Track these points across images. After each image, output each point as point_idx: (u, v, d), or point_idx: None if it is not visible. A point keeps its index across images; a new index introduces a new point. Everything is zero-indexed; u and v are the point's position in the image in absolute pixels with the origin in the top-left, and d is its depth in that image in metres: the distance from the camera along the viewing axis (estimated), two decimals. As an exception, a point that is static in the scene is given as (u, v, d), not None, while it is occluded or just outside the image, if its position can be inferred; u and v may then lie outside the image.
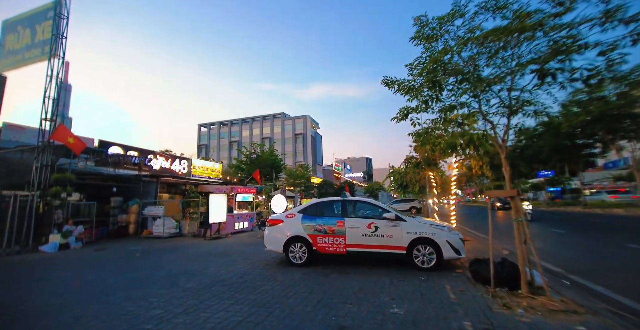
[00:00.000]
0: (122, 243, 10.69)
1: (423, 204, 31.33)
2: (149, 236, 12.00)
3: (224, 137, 70.60)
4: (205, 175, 21.49)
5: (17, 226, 9.26)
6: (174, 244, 10.22)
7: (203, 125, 74.20)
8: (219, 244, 9.95)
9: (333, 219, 6.05)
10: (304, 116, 65.37)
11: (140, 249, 9.08)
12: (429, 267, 5.40)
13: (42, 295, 4.58)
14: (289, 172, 37.17)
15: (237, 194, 13.60)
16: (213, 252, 8.11)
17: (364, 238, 5.76)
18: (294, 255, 6.09)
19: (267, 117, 68.68)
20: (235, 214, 13.11)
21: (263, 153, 29.54)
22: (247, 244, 9.62)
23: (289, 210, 6.95)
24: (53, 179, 9.75)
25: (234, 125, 70.76)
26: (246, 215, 13.85)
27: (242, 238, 11.33)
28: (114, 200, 13.57)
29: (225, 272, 5.68)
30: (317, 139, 69.77)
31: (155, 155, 17.58)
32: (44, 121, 10.08)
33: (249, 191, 14.34)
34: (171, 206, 12.28)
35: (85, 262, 7.41)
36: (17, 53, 12.14)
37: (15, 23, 12.58)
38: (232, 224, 12.82)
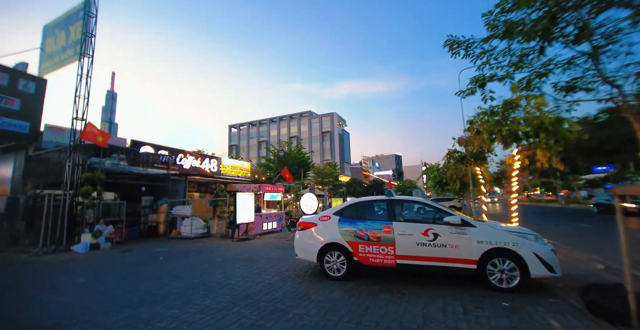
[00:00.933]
0: (150, 244, 10.41)
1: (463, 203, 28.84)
2: (177, 236, 11.69)
3: (253, 137, 71.82)
4: (234, 174, 21.31)
5: (52, 225, 9.27)
6: (201, 245, 9.70)
7: (233, 126, 76.09)
8: (246, 246, 9.24)
9: (378, 223, 4.91)
10: (330, 114, 64.35)
11: (165, 251, 8.62)
12: (509, 287, 4.08)
13: (43, 309, 4.00)
14: (316, 171, 36.38)
15: (265, 193, 12.91)
16: (239, 257, 7.35)
17: (419, 248, 4.56)
18: (330, 267, 5.06)
19: (294, 116, 68.62)
20: (264, 214, 12.42)
21: (291, 151, 28.98)
22: (276, 248, 8.78)
23: (322, 211, 5.90)
24: (83, 178, 9.66)
25: (262, 125, 71.71)
26: (275, 215, 13.13)
27: (271, 240, 10.57)
28: (145, 199, 13.54)
29: (251, 285, 4.80)
30: (344, 137, 68.40)
31: (185, 155, 17.57)
32: (75, 120, 10.05)
33: (277, 190, 13.61)
34: (199, 205, 11.88)
35: (107, 266, 7.00)
36: (55, 55, 12.44)
37: (53, 27, 12.94)
38: (260, 224, 12.14)
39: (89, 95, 10.38)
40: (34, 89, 12.21)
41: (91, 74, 10.54)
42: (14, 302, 4.42)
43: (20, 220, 9.51)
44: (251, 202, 11.33)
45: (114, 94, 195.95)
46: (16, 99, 11.58)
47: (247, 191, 11.54)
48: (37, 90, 12.30)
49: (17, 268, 7.13)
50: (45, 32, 13.28)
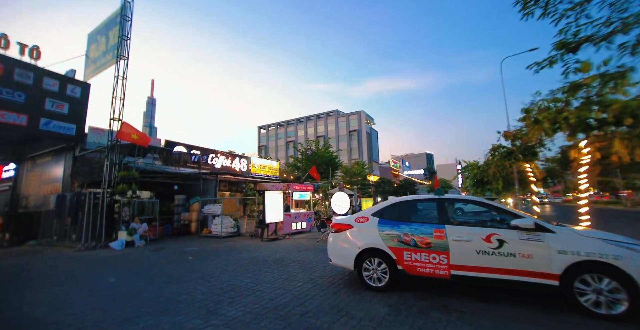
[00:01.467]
0: (181, 242, 10.46)
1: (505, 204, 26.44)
2: (208, 235, 11.70)
3: (281, 138, 72.78)
4: (263, 174, 21.35)
5: (92, 222, 9.62)
6: (230, 245, 9.52)
7: (262, 127, 77.74)
8: (275, 247, 8.87)
9: (427, 226, 4.18)
10: (358, 112, 63.19)
11: (194, 251, 8.51)
12: (612, 314, 3.15)
13: (69, 310, 3.83)
14: (345, 170, 35.64)
15: (294, 192, 12.53)
16: (268, 259, 6.95)
17: (480, 257, 3.77)
18: (369, 275, 4.42)
19: (321, 115, 68.38)
20: (293, 213, 12.04)
21: (318, 150, 28.58)
22: (306, 249, 8.30)
23: (360, 211, 5.27)
24: (119, 176, 9.92)
25: (289, 125, 72.40)
26: (304, 214, 12.71)
27: (300, 240, 10.13)
28: (178, 198, 13.82)
29: (281, 293, 4.32)
30: (372, 135, 66.83)
31: (217, 154, 17.82)
32: (112, 121, 10.38)
33: (305, 189, 13.19)
34: (228, 204, 11.79)
35: (139, 264, 6.95)
36: (97, 60, 13.10)
37: (95, 34, 13.66)
38: (289, 224, 11.78)
39: (124, 96, 10.68)
40: (79, 93, 12.93)
41: (126, 75, 10.85)
42: (45, 300, 4.34)
43: (67, 217, 9.99)
44: (280, 201, 11.00)
45: (153, 100, 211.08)
46: (65, 103, 12.31)
47: (276, 190, 11.24)
48: (82, 94, 13.01)
49: (60, 263, 7.35)
50: (89, 39, 14.06)
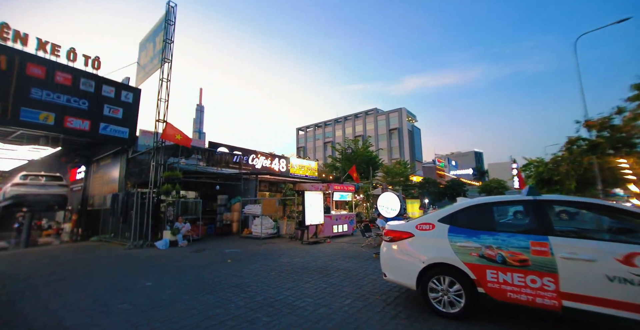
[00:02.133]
0: (222, 243, 10.35)
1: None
2: (249, 236, 11.49)
3: (319, 139, 72.86)
4: (302, 174, 21.02)
5: (140, 221, 9.95)
6: (270, 247, 9.09)
7: (300, 129, 78.71)
8: (316, 251, 8.21)
9: (520, 237, 3.11)
10: (398, 109, 60.48)
11: (234, 253, 8.21)
12: None
13: (87, 319, 3.52)
14: (386, 169, 34.00)
15: (334, 192, 11.79)
16: (309, 266, 6.29)
17: (614, 286, 2.61)
18: (438, 298, 3.46)
19: (359, 114, 66.90)
20: (334, 215, 11.31)
21: (357, 149, 27.54)
22: (350, 256, 7.48)
23: (422, 216, 4.31)
24: (164, 177, 10.12)
25: (327, 126, 72.14)
26: (345, 216, 11.90)
27: (343, 245, 9.34)
28: (220, 198, 13.96)
29: (326, 313, 3.58)
30: (414, 133, 63.47)
31: (257, 155, 17.86)
32: (157, 122, 10.69)
33: (346, 189, 12.37)
34: (268, 205, 11.48)
35: (178, 266, 6.77)
36: (145, 66, 13.82)
37: (144, 42, 14.46)
38: (330, 226, 11.06)
39: (168, 97, 10.95)
40: (132, 99, 13.74)
41: (170, 77, 11.13)
42: (81, 305, 4.16)
43: (120, 216, 10.51)
44: (320, 202, 10.35)
45: (201, 107, 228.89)
46: (119, 108, 13.14)
47: (315, 190, 10.63)
48: (134, 99, 13.82)
49: (109, 261, 7.54)
50: (140, 47, 14.95)
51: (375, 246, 8.84)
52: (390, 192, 7.21)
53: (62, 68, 10.95)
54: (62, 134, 10.94)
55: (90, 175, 16.89)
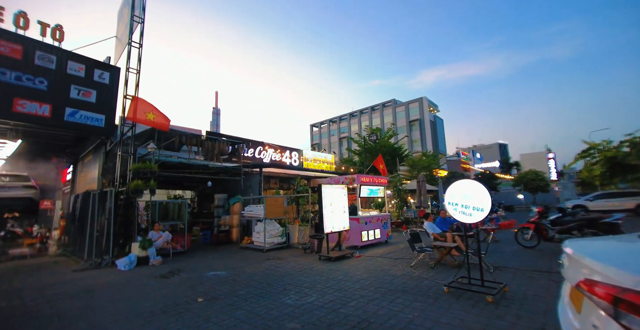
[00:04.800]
0: (212, 258, 7.64)
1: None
2: (249, 246, 8.74)
3: (333, 134, 69.83)
4: (318, 168, 18.15)
5: (107, 230, 7.41)
6: (273, 267, 6.26)
7: (314, 125, 75.98)
8: (343, 276, 5.29)
9: None
10: (419, 99, 56.36)
11: (217, 278, 5.42)
12: None
13: None
14: (411, 162, 30.46)
15: (362, 186, 8.78)
16: (338, 320, 3.36)
17: None
18: None
19: (376, 107, 63.18)
20: (362, 217, 8.32)
21: (380, 139, 24.30)
22: (403, 288, 4.49)
23: None
24: (132, 171, 7.54)
25: (342, 121, 68.94)
26: (377, 218, 8.89)
27: (381, 263, 6.36)
28: (218, 198, 11.33)
29: None
30: (437, 124, 59.00)
31: (264, 146, 15.16)
32: (125, 99, 8.14)
33: (378, 181, 9.33)
34: (273, 205, 8.68)
35: (117, 311, 4.04)
36: (122, 38, 11.36)
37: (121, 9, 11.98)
38: (358, 233, 8.10)
39: (140, 67, 8.37)
40: (108, 79, 11.30)
41: (142, 42, 8.54)
42: None
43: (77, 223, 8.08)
44: (343, 199, 7.42)
45: (217, 110, 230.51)
46: (92, 90, 10.69)
47: (336, 184, 7.71)
48: (111, 79, 11.38)
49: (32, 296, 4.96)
50: (118, 16, 12.53)
51: (432, 266, 5.79)
52: (473, 181, 4.25)
53: (6, 36, 8.61)
54: (10, 120, 8.61)
55: (76, 175, 14.85)
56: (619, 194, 18.93)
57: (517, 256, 6.58)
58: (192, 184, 13.30)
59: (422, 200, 13.02)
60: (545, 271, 5.15)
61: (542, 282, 4.56)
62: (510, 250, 7.29)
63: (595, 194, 20.54)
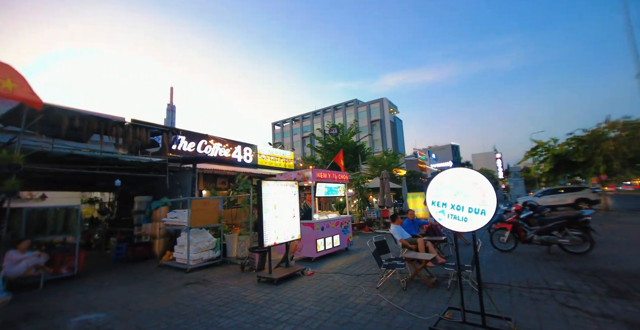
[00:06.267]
0: (109, 285, 5.42)
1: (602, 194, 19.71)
2: (170, 264, 6.61)
3: (296, 133, 68.07)
4: (276, 166, 16.30)
5: None
6: (190, 296, 4.36)
7: (276, 124, 73.53)
8: (283, 307, 3.62)
9: None
10: (379, 99, 57.18)
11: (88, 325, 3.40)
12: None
13: None
14: (373, 160, 29.96)
15: (318, 183, 7.19)
16: None
17: None
18: None
19: (339, 106, 62.87)
20: (317, 222, 6.73)
21: (343, 136, 23.18)
22: (363, 324, 2.95)
23: None
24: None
25: (305, 119, 67.51)
26: (336, 222, 7.37)
27: (337, 281, 4.82)
28: (139, 201, 8.91)
29: None
30: (397, 125, 60.49)
31: (209, 140, 12.92)
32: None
33: (338, 178, 7.81)
34: (203, 209, 6.69)
35: None
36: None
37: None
38: (312, 241, 6.49)
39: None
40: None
41: None
42: None
43: None
44: (292, 200, 5.75)
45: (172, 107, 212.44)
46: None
47: (285, 181, 6.03)
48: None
49: None
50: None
51: (405, 285, 4.38)
52: (465, 169, 2.93)
53: None
54: None
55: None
56: (561, 189, 20.04)
57: (499, 264, 5.51)
58: (109, 184, 10.60)
59: (386, 199, 11.91)
60: (546, 288, 4.02)
61: (553, 308, 3.36)
62: (487, 256, 6.26)
63: (542, 190, 21.64)
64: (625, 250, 6.13)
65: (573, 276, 4.52)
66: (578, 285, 4.08)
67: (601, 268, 4.88)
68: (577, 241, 5.82)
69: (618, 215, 14.13)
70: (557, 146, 17.85)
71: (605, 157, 12.98)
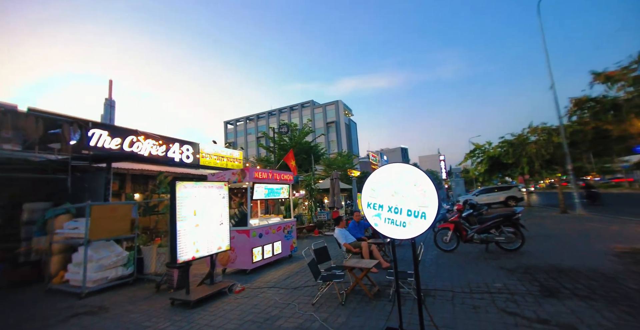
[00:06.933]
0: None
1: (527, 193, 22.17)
2: (61, 288, 5.21)
3: (251, 133, 65.54)
4: (220, 166, 14.92)
5: None
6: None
7: (229, 123, 70.03)
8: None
9: None
10: (335, 102, 57.95)
11: None
12: None
13: None
14: (327, 162, 29.89)
15: (256, 184, 6.39)
16: None
17: None
18: None
19: (295, 107, 62.20)
20: (254, 229, 5.94)
21: (296, 135, 22.55)
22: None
23: None
24: None
25: (260, 119, 65.40)
26: (277, 227, 6.66)
27: (270, 298, 4.12)
28: (30, 209, 7.08)
29: None
30: (351, 127, 61.93)
31: (138, 136, 11.20)
32: None
33: (280, 178, 7.10)
34: (108, 217, 5.43)
35: None
36: None
37: None
38: (248, 251, 5.69)
39: None
40: None
41: None
42: None
43: None
44: (219, 204, 4.90)
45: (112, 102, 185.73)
46: None
47: (217, 181, 5.13)
48: None
49: None
50: None
51: (343, 298, 3.86)
52: (401, 164, 2.52)
53: None
54: None
55: None
56: (495, 188, 22.07)
57: (442, 267, 5.36)
58: None
59: (336, 200, 11.56)
60: (487, 292, 3.83)
61: (494, 317, 3.10)
62: (430, 257, 6.13)
63: (479, 190, 23.62)
64: (547, 243, 6.53)
65: (509, 276, 4.48)
66: (514, 286, 4.00)
67: (532, 265, 4.98)
68: (511, 238, 5.99)
69: (538, 210, 15.85)
70: (491, 149, 19.47)
71: (528, 159, 14.40)
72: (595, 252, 5.61)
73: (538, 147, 13.57)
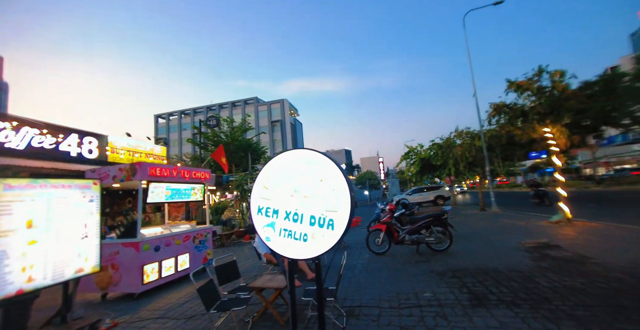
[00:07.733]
0: None
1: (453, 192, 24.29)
2: None
3: (186, 129, 59.67)
4: (135, 163, 12.48)
5: None
6: None
7: (160, 116, 62.84)
8: None
9: None
10: (281, 100, 56.60)
11: None
12: None
13: None
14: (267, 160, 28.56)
15: (153, 183, 5.02)
16: None
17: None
18: None
19: (238, 103, 58.92)
20: (146, 240, 4.62)
21: (232, 132, 20.78)
22: None
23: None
24: None
25: (197, 113, 60.02)
26: (185, 236, 5.40)
27: None
28: None
29: None
30: (297, 127, 61.32)
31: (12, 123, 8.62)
32: None
33: (192, 176, 5.83)
34: None
35: None
36: None
37: None
38: (137, 269, 4.36)
39: None
40: None
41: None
42: None
43: None
44: (84, 211, 3.53)
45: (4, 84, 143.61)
46: None
47: (90, 179, 3.71)
48: None
49: None
50: None
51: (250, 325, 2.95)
52: (302, 150, 1.88)
53: None
54: None
55: None
56: (425, 188, 23.68)
57: (372, 273, 4.86)
58: None
59: (270, 202, 10.57)
60: (416, 306, 3.34)
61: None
62: (362, 263, 5.63)
63: (412, 190, 25.12)
64: (472, 243, 6.65)
65: (439, 282, 4.15)
66: (444, 295, 3.62)
67: (460, 267, 4.80)
68: (440, 238, 5.86)
69: (462, 208, 17.29)
70: (423, 151, 20.71)
71: (454, 161, 15.55)
72: (511, 248, 5.80)
73: (463, 150, 14.72)
